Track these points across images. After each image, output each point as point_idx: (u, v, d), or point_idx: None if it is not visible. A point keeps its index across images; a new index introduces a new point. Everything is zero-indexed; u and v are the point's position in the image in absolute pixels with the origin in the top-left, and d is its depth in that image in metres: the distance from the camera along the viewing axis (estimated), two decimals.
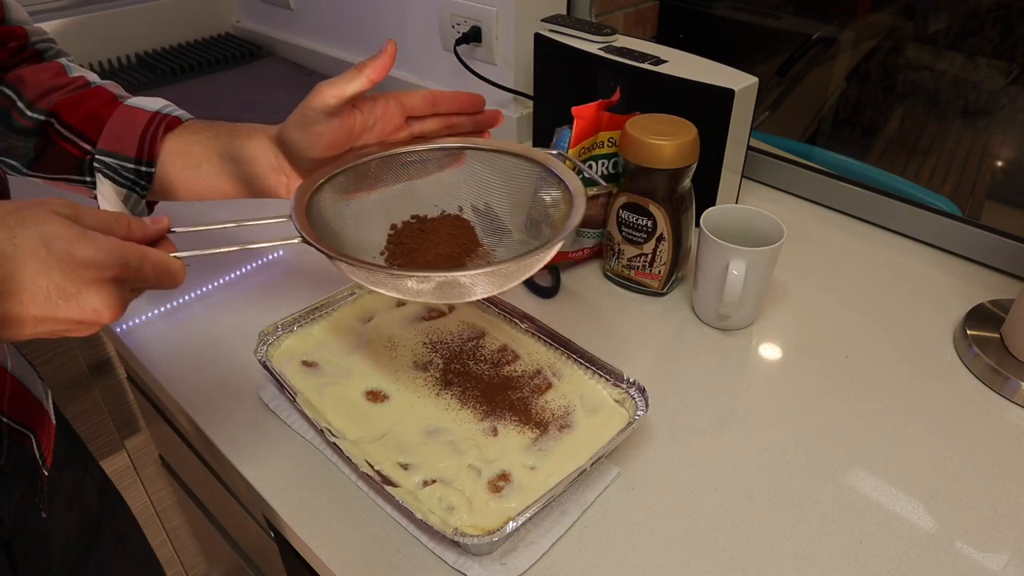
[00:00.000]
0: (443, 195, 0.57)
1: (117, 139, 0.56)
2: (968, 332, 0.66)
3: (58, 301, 0.36)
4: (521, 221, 0.56)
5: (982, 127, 1.34)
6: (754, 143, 0.86)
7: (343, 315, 0.67)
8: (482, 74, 1.01)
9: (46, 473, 0.55)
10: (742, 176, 0.83)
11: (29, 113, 0.56)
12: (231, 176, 0.57)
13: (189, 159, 0.56)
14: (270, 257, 0.81)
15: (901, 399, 0.61)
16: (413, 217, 0.56)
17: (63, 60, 0.60)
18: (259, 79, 1.28)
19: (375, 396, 0.59)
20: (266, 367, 0.60)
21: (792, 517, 0.52)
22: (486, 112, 0.57)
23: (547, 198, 0.53)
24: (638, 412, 0.55)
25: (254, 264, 0.80)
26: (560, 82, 0.90)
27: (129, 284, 0.39)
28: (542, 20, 0.89)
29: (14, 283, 0.35)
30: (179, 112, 0.59)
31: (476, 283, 0.46)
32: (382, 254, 0.54)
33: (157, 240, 0.42)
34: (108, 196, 0.57)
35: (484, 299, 0.66)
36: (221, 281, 0.77)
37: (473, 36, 1.00)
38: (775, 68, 1.31)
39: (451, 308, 0.68)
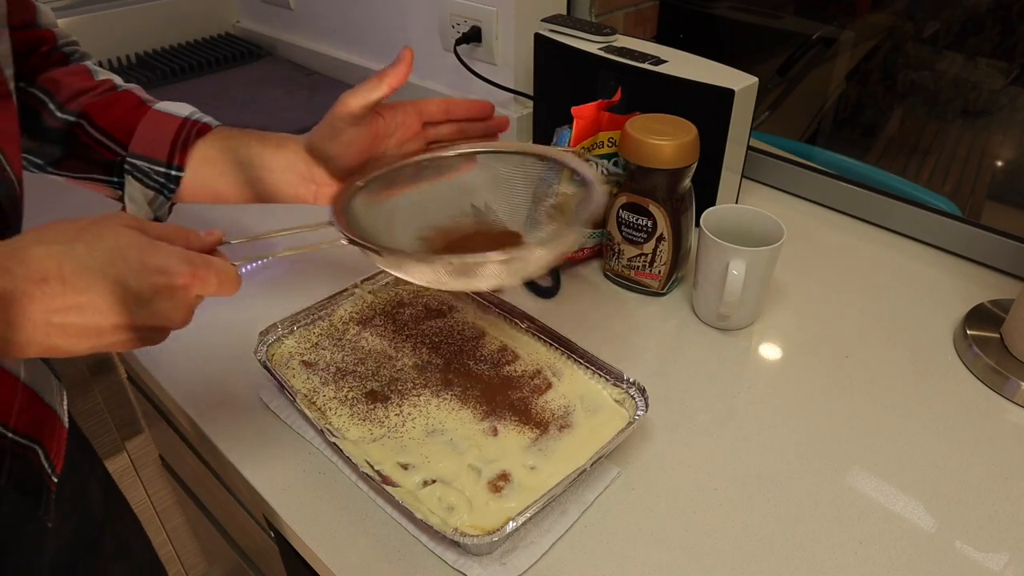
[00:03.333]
0: (464, 195, 0.60)
1: (148, 143, 0.58)
2: (968, 332, 0.66)
3: (134, 308, 0.38)
4: (539, 213, 0.58)
5: (982, 127, 1.34)
6: (754, 143, 0.86)
7: (343, 315, 0.67)
8: (482, 74, 1.01)
9: (55, 480, 0.54)
10: (742, 176, 0.83)
11: (59, 114, 0.57)
12: (259, 183, 0.59)
13: (218, 165, 0.59)
14: (270, 257, 0.81)
15: (901, 399, 0.61)
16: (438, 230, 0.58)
17: (88, 63, 0.62)
18: (259, 79, 1.28)
19: (375, 396, 0.59)
20: (266, 367, 0.60)
21: (792, 517, 0.52)
22: (495, 118, 0.62)
23: (566, 190, 0.57)
24: (638, 412, 0.55)
25: (254, 264, 0.80)
26: (560, 82, 0.90)
27: (195, 290, 0.41)
28: (542, 20, 0.89)
29: (94, 294, 0.37)
30: (207, 119, 0.61)
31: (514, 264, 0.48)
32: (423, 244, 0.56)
33: (211, 251, 0.44)
34: (135, 198, 0.59)
35: (484, 299, 0.66)
36: None
37: (473, 36, 1.00)
38: (775, 68, 1.31)
39: (450, 309, 0.68)
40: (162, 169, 0.58)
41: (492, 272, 0.47)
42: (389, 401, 0.58)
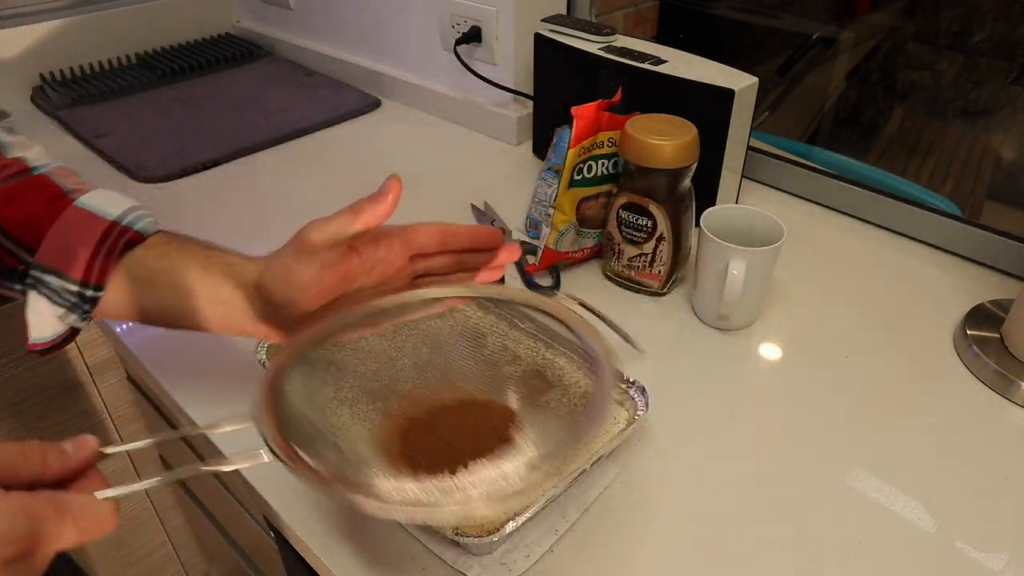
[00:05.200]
0: (437, 352, 0.50)
1: (60, 253, 0.45)
2: (968, 332, 0.66)
3: None
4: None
5: (982, 127, 1.34)
6: (754, 143, 0.86)
7: (343, 315, 0.67)
8: (482, 74, 1.01)
9: None
10: (742, 176, 0.83)
11: None
12: (199, 313, 0.47)
13: (149, 288, 0.47)
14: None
15: (901, 399, 0.61)
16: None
17: None
18: (259, 79, 1.28)
19: (375, 396, 0.59)
20: (266, 367, 0.60)
21: (792, 517, 0.52)
22: (504, 246, 0.50)
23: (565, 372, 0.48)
24: (638, 412, 0.55)
25: None
26: (560, 82, 0.90)
27: (43, 552, 0.30)
28: (542, 20, 0.89)
29: None
30: (142, 223, 0.48)
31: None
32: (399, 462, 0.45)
33: (81, 470, 0.33)
34: (42, 314, 0.47)
35: (485, 299, 0.66)
36: None
37: (473, 36, 1.00)
38: (775, 68, 1.31)
39: (450, 309, 0.68)
40: (75, 288, 0.46)
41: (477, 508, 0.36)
42: (389, 401, 0.58)
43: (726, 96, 0.73)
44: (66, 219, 0.46)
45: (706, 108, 0.74)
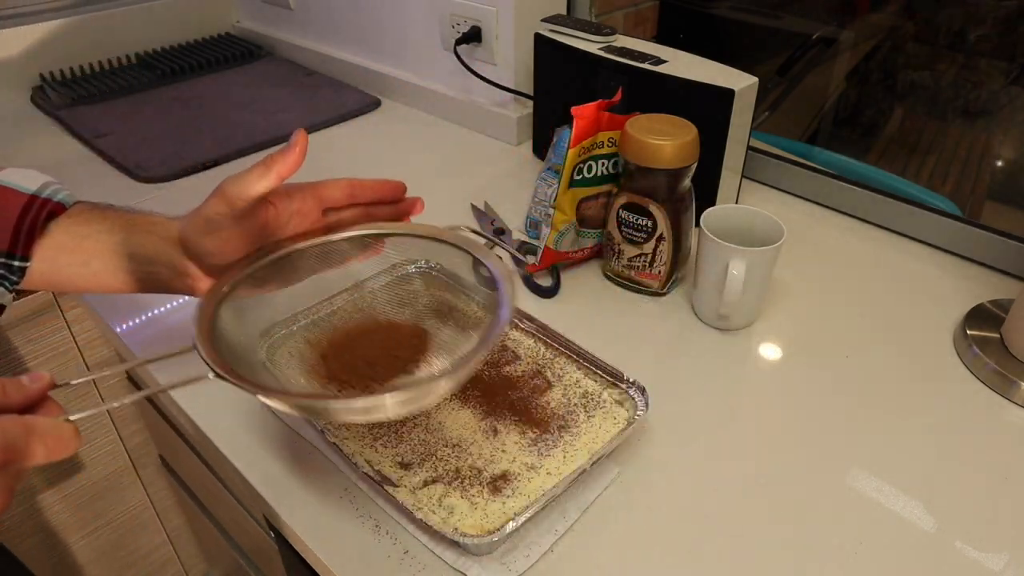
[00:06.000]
0: (357, 288, 0.55)
1: None
2: (968, 332, 0.66)
3: None
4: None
5: (982, 127, 1.34)
6: (754, 143, 0.86)
7: (343, 315, 0.67)
8: (482, 74, 1.01)
9: None
10: (742, 176, 0.83)
11: None
12: (128, 274, 0.50)
13: (76, 254, 0.50)
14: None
15: (901, 399, 0.61)
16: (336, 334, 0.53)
17: None
18: (259, 79, 1.28)
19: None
20: (266, 367, 0.60)
21: (792, 517, 0.52)
22: (407, 199, 0.55)
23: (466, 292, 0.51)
24: (638, 412, 0.55)
25: None
26: (560, 82, 0.90)
27: (14, 467, 0.33)
28: (542, 20, 0.89)
29: None
30: (62, 194, 0.51)
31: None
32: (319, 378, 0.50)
33: (39, 400, 0.36)
34: None
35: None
36: None
37: (473, 36, 1.00)
38: (775, 68, 1.31)
39: (450, 309, 0.68)
40: (1, 260, 0.48)
41: (387, 408, 0.41)
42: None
43: (726, 96, 0.73)
44: None
45: (706, 108, 0.74)
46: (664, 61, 0.78)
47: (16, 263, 0.48)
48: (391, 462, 0.53)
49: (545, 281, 0.75)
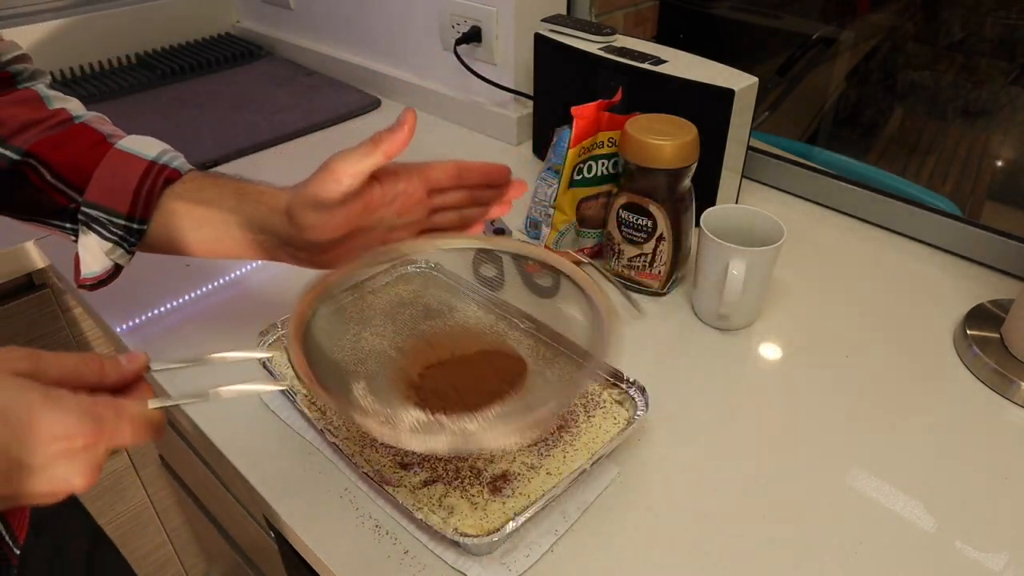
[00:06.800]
0: (458, 299, 0.55)
1: (107, 191, 0.51)
2: (968, 332, 0.66)
3: (21, 477, 0.32)
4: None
5: (982, 127, 1.34)
6: (754, 143, 0.86)
7: (343, 315, 0.67)
8: (482, 74, 1.01)
9: (17, 552, 0.49)
10: (742, 176, 0.83)
11: (2, 150, 0.50)
12: (235, 240, 0.52)
13: (190, 219, 0.52)
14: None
15: (901, 399, 0.61)
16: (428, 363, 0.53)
17: (39, 87, 0.54)
18: (259, 79, 1.28)
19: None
20: (266, 367, 0.60)
21: (792, 517, 0.52)
22: (511, 183, 0.54)
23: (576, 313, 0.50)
24: (638, 412, 0.55)
25: (254, 264, 0.80)
26: (560, 82, 0.90)
27: (102, 448, 0.35)
28: (542, 20, 0.89)
29: None
30: (178, 161, 0.53)
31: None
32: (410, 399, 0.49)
33: (133, 381, 0.38)
34: (91, 249, 0.52)
35: (484, 299, 0.66)
36: (221, 281, 0.77)
37: (473, 36, 1.00)
38: (775, 68, 1.31)
39: (450, 309, 0.68)
40: (122, 222, 0.51)
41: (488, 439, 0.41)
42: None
43: (726, 96, 0.73)
44: (109, 161, 0.51)
45: (706, 108, 0.74)
46: (664, 61, 0.78)
47: (135, 226, 0.51)
48: (391, 462, 0.53)
49: (545, 281, 0.75)
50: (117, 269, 0.54)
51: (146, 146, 0.53)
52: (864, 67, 1.37)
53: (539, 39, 0.88)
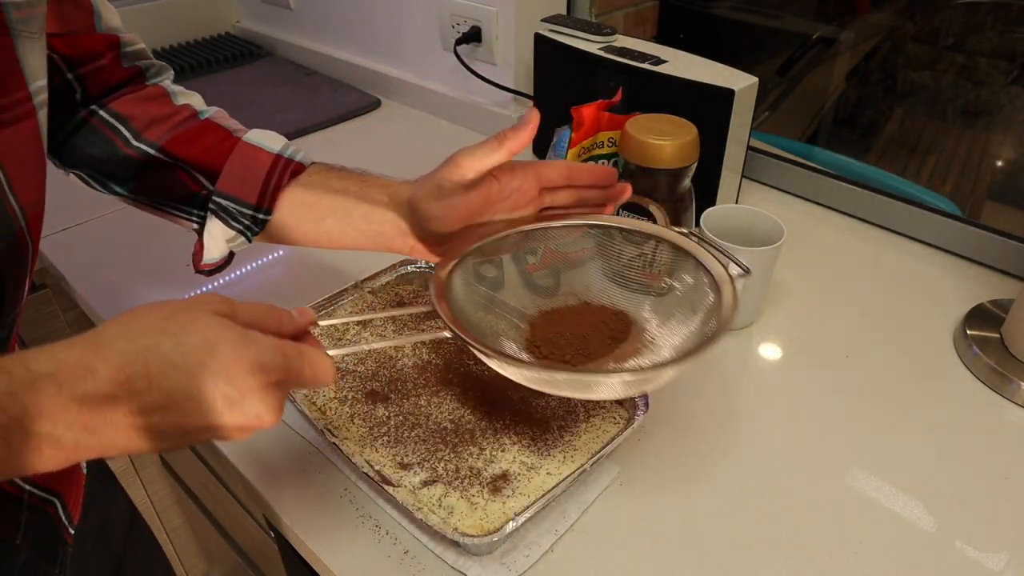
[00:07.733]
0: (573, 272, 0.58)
1: (238, 182, 0.54)
2: (968, 332, 0.66)
3: (223, 409, 0.34)
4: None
5: (982, 127, 1.34)
6: (754, 143, 0.86)
7: (343, 315, 0.67)
8: (482, 74, 1.01)
9: (72, 533, 0.51)
10: (742, 176, 0.83)
11: (135, 143, 0.53)
12: (356, 231, 0.54)
13: (313, 211, 0.54)
14: (269, 257, 0.81)
15: (901, 399, 0.61)
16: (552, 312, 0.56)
17: (165, 83, 0.58)
18: (259, 79, 1.28)
19: (375, 396, 0.59)
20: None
21: (792, 517, 0.52)
22: (618, 185, 0.56)
23: (686, 281, 0.53)
24: (638, 412, 0.55)
25: (254, 264, 0.80)
26: (560, 82, 0.90)
27: (289, 387, 0.38)
28: (542, 20, 0.89)
29: (182, 395, 0.34)
30: (300, 155, 0.56)
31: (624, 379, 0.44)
32: (528, 344, 0.53)
33: (303, 335, 0.41)
34: (215, 236, 0.55)
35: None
36: (221, 281, 0.77)
37: (473, 36, 1.00)
38: (775, 68, 1.31)
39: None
40: (249, 212, 0.54)
41: (610, 388, 0.43)
42: (389, 401, 0.58)
43: (726, 96, 0.73)
44: (239, 154, 0.54)
45: (706, 108, 0.74)
46: (664, 61, 0.78)
47: (261, 216, 0.54)
48: (391, 462, 0.53)
49: (545, 281, 0.75)
50: (230, 257, 0.58)
51: (270, 140, 0.55)
52: (864, 67, 1.37)
53: (539, 39, 0.88)
